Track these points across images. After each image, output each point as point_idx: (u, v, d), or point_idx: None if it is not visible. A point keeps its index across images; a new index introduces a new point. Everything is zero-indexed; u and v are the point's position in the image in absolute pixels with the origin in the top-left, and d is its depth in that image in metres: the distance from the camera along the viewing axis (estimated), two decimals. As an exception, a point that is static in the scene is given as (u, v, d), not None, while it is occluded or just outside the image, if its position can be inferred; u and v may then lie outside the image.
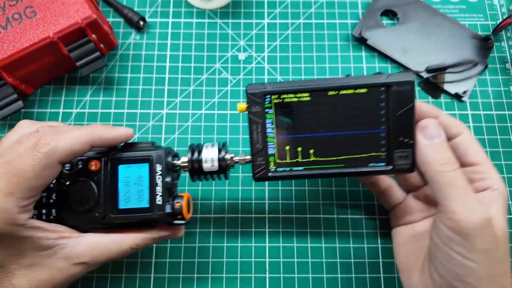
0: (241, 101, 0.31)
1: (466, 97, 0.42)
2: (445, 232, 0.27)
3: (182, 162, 0.31)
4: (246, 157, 0.31)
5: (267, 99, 0.30)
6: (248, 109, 0.30)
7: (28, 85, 0.41)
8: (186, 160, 0.31)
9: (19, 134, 0.29)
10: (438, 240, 0.27)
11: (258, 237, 0.38)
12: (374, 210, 0.39)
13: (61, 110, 0.42)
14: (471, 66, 0.40)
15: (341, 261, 0.38)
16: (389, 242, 0.38)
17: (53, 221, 0.29)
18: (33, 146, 0.26)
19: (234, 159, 0.31)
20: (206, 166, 0.31)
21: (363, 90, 0.29)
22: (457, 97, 0.43)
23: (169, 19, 0.46)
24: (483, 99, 0.43)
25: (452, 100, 0.43)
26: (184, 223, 0.31)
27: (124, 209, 0.29)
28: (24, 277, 0.27)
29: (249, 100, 0.30)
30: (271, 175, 0.31)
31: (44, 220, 0.29)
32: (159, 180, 0.29)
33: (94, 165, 0.30)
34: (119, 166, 0.30)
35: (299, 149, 0.31)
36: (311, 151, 0.30)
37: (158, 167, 0.29)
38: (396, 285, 0.37)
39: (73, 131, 0.28)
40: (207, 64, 0.44)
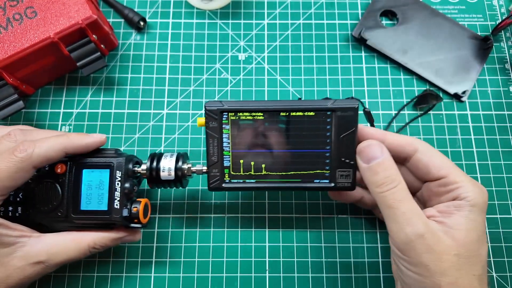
0: (203, 115, 0.33)
1: (465, 97, 0.43)
2: (391, 246, 0.29)
3: (141, 169, 0.33)
4: (203, 168, 0.34)
5: (224, 116, 0.32)
6: (206, 124, 0.32)
7: (28, 85, 0.41)
8: (145, 168, 0.33)
9: None
10: (393, 258, 0.30)
11: (258, 237, 0.38)
12: (373, 210, 0.39)
13: (62, 110, 0.42)
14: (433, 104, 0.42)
15: (341, 260, 0.38)
16: (388, 242, 0.38)
17: (18, 218, 0.31)
18: (11, 150, 0.28)
19: (192, 169, 0.34)
20: (163, 175, 0.33)
21: (311, 113, 0.32)
22: (457, 97, 0.43)
23: (169, 20, 0.46)
24: (483, 99, 0.43)
25: (452, 100, 0.43)
26: (140, 226, 0.33)
27: (85, 211, 0.31)
28: None
29: (207, 116, 0.32)
30: (225, 185, 0.33)
31: (10, 217, 0.31)
32: (118, 186, 0.31)
33: (60, 168, 0.32)
34: (83, 170, 0.32)
35: (252, 163, 0.33)
36: (263, 165, 0.33)
37: (118, 173, 0.32)
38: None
39: (49, 139, 0.30)
40: (207, 64, 0.44)
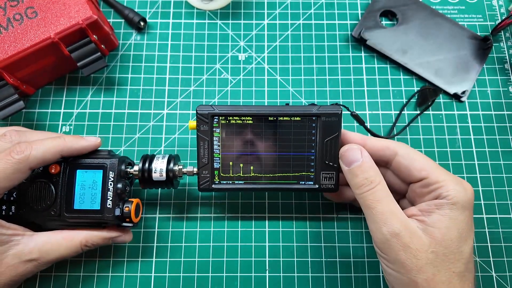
0: (195, 118, 0.34)
1: (465, 98, 0.43)
2: (373, 245, 0.30)
3: (134, 170, 0.34)
4: (193, 170, 0.34)
5: (215, 120, 0.33)
6: (197, 128, 0.33)
7: (29, 85, 0.41)
8: (137, 169, 0.34)
9: None
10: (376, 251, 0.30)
11: (258, 236, 0.38)
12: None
13: (62, 111, 0.42)
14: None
15: (341, 260, 0.38)
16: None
17: (12, 217, 0.32)
18: (8, 151, 0.28)
19: (183, 170, 0.35)
20: (155, 176, 0.34)
21: (298, 118, 0.33)
22: (456, 97, 0.43)
23: (169, 20, 0.46)
24: (482, 100, 0.43)
25: (451, 100, 0.43)
26: (131, 226, 0.34)
27: (78, 210, 0.32)
28: None
29: (198, 120, 0.33)
30: (214, 187, 0.34)
31: (3, 216, 0.32)
32: (110, 186, 0.32)
33: (53, 169, 0.32)
34: (77, 171, 0.33)
35: (241, 165, 0.34)
36: (251, 167, 0.34)
37: (111, 174, 0.32)
38: (396, 284, 0.37)
39: (46, 141, 0.30)
40: (207, 64, 0.44)
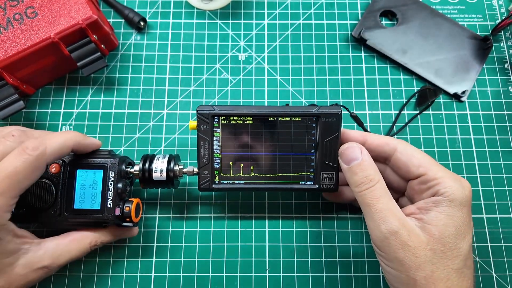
0: (194, 119, 0.34)
1: (465, 97, 0.43)
2: (372, 243, 0.30)
3: (134, 170, 0.34)
4: (194, 170, 0.34)
5: (215, 120, 0.33)
6: (197, 128, 0.33)
7: (29, 85, 0.41)
8: (138, 169, 0.34)
9: None
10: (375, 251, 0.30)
11: (258, 236, 0.38)
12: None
13: (62, 110, 0.42)
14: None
15: (340, 260, 0.38)
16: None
17: (12, 217, 0.31)
18: (21, 149, 0.27)
19: (183, 170, 0.35)
20: (155, 175, 0.34)
21: (298, 119, 0.33)
22: (456, 97, 0.43)
23: (169, 20, 0.46)
24: (482, 99, 0.43)
25: (451, 100, 0.43)
26: (132, 225, 0.34)
27: (78, 209, 0.32)
28: None
29: (199, 120, 0.33)
30: (215, 186, 0.34)
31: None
32: (111, 186, 0.32)
33: (54, 168, 0.32)
34: (78, 171, 0.33)
35: (241, 165, 0.34)
36: (252, 167, 0.34)
37: (111, 173, 0.32)
38: (396, 284, 0.37)
39: (58, 136, 0.30)
40: (207, 64, 0.44)
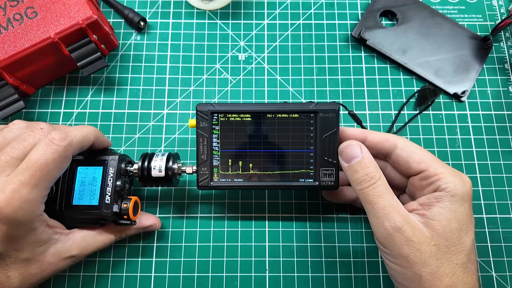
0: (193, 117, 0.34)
1: (465, 97, 0.43)
2: (375, 240, 0.29)
3: (134, 169, 0.34)
4: (193, 168, 0.34)
5: (214, 117, 0.34)
6: (196, 125, 0.34)
7: (29, 85, 0.41)
8: (137, 167, 0.34)
9: (15, 132, 0.30)
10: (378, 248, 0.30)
11: (258, 236, 0.38)
12: (373, 210, 0.39)
13: (62, 110, 0.42)
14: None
15: (340, 260, 0.38)
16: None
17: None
18: (48, 140, 0.28)
19: (182, 168, 0.35)
20: (154, 173, 0.34)
21: (296, 115, 0.33)
22: (456, 97, 0.43)
23: (169, 20, 0.46)
24: (482, 99, 0.43)
25: (451, 100, 0.43)
26: (130, 223, 0.34)
27: (77, 205, 0.32)
28: (18, 270, 0.29)
29: (198, 117, 0.33)
30: (213, 184, 0.34)
31: None
32: (110, 182, 0.32)
33: None
34: (78, 167, 0.33)
35: (240, 162, 0.34)
36: (251, 165, 0.34)
37: (111, 170, 0.33)
38: (396, 284, 0.37)
39: (81, 128, 0.31)
40: (207, 64, 0.44)
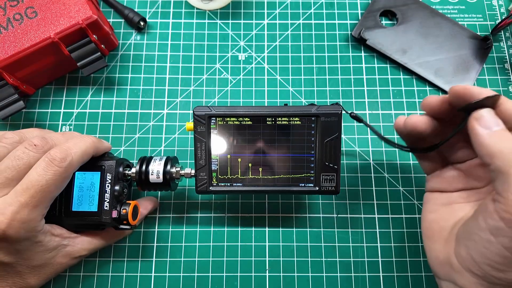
0: (191, 120, 0.34)
1: (465, 97, 0.43)
2: (496, 222, 0.24)
3: (132, 172, 0.34)
4: (191, 172, 0.34)
5: (212, 121, 0.33)
6: (194, 129, 0.33)
7: (29, 85, 0.41)
8: (135, 171, 0.34)
9: (8, 147, 0.29)
10: (484, 225, 0.25)
11: (258, 236, 0.38)
12: (373, 210, 0.39)
13: (62, 110, 0.42)
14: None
15: (340, 260, 0.38)
16: (388, 241, 0.38)
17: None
18: (49, 161, 0.28)
19: (180, 172, 0.34)
20: (152, 178, 0.34)
21: (297, 119, 0.33)
22: (456, 97, 0.43)
23: (169, 20, 0.46)
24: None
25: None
26: (129, 228, 0.33)
27: (76, 212, 0.32)
28: (33, 275, 0.31)
29: (195, 121, 0.33)
30: (212, 189, 0.34)
31: None
32: (108, 188, 0.32)
33: None
34: (76, 173, 0.32)
35: (239, 167, 0.34)
36: (250, 169, 0.34)
37: (108, 176, 0.32)
38: (395, 284, 0.37)
39: (80, 144, 0.31)
40: (207, 64, 0.44)
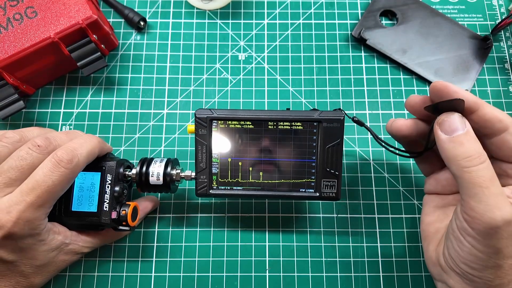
0: (191, 122, 0.34)
1: (465, 97, 0.43)
2: (462, 223, 0.26)
3: (132, 174, 0.34)
4: (191, 174, 0.34)
5: (214, 124, 0.33)
6: (195, 131, 0.33)
7: (29, 85, 0.41)
8: (135, 172, 0.34)
9: (9, 147, 0.29)
10: (455, 225, 0.27)
11: (258, 236, 0.38)
12: (373, 210, 0.39)
13: (62, 110, 0.42)
14: None
15: (340, 260, 0.38)
16: (388, 241, 0.38)
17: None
18: (55, 162, 0.28)
19: (181, 174, 0.34)
20: (152, 179, 0.33)
21: (298, 124, 0.33)
22: (456, 97, 0.43)
23: (169, 20, 0.46)
24: (482, 99, 0.43)
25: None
26: (128, 229, 0.33)
27: (76, 212, 0.32)
28: (36, 274, 0.31)
29: (197, 124, 0.33)
30: (212, 192, 0.34)
31: None
32: (108, 189, 0.32)
33: None
34: None
35: (240, 171, 0.34)
36: (250, 173, 0.34)
37: (109, 176, 0.32)
38: (395, 284, 0.37)
39: (86, 145, 0.31)
40: (207, 64, 0.44)
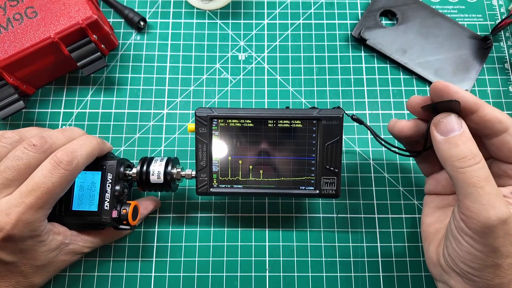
0: (191, 121, 0.34)
1: (465, 97, 0.43)
2: (459, 222, 0.27)
3: (132, 173, 0.34)
4: (192, 173, 0.34)
5: (214, 122, 0.33)
6: (196, 130, 0.33)
7: (29, 85, 0.41)
8: (136, 171, 0.34)
9: (8, 147, 0.29)
10: (453, 225, 0.28)
11: (258, 236, 0.38)
12: (373, 210, 0.39)
13: (62, 110, 0.42)
14: None
15: (340, 260, 0.38)
16: (388, 241, 0.38)
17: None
18: (54, 163, 0.28)
19: (181, 173, 0.34)
20: (153, 178, 0.34)
21: (298, 122, 0.33)
22: (456, 97, 0.43)
23: (169, 20, 0.46)
24: (482, 99, 0.43)
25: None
26: (129, 228, 0.33)
27: (76, 211, 0.32)
28: (37, 274, 0.31)
29: (197, 122, 0.33)
30: (213, 190, 0.34)
31: None
32: (108, 188, 0.32)
33: None
34: None
35: (240, 169, 0.34)
36: (250, 171, 0.34)
37: (109, 175, 0.33)
38: (395, 284, 0.37)
39: (85, 146, 0.31)
40: (207, 64, 0.44)
